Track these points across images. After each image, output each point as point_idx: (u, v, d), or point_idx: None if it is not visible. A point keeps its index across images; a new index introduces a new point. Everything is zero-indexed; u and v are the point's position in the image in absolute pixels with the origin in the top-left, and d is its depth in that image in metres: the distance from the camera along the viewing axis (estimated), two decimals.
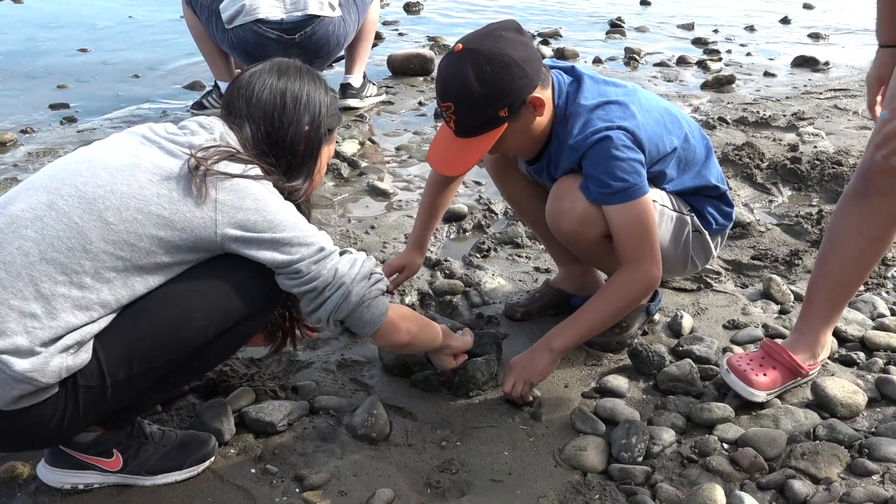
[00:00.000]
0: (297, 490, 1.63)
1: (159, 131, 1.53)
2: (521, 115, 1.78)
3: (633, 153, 1.77)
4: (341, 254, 1.57)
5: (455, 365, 1.93)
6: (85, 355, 1.39)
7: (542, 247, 2.70)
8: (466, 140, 1.78)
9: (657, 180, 1.93)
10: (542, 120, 1.83)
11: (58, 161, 1.53)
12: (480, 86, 1.70)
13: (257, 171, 1.50)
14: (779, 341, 1.96)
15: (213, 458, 1.69)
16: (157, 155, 1.46)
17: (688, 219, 2.00)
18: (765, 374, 1.88)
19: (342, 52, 3.99)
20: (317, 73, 1.68)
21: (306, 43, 3.61)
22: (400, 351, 1.91)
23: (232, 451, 1.74)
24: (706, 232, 2.05)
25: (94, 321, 1.39)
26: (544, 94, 1.79)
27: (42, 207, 1.40)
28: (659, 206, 1.92)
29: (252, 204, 1.45)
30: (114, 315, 1.42)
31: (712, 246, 2.09)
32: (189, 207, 1.41)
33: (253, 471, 1.68)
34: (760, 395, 1.87)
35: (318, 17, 3.58)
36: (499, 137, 1.77)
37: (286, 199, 1.54)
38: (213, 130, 1.53)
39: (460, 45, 1.74)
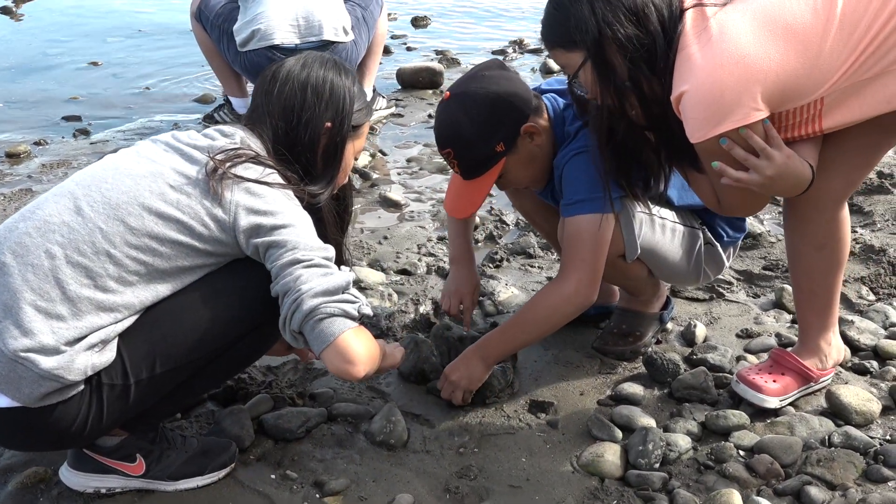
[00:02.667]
0: (318, 495, 1.65)
1: (182, 138, 1.55)
2: (519, 147, 1.81)
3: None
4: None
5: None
6: (110, 353, 1.41)
7: (556, 256, 2.72)
8: (473, 181, 1.83)
9: (660, 199, 1.95)
10: (543, 147, 1.85)
11: (86, 168, 1.56)
12: (472, 126, 1.75)
13: (276, 176, 1.51)
14: (789, 349, 1.98)
15: (233, 465, 1.71)
16: (178, 162, 1.49)
17: (699, 232, 2.03)
18: (775, 381, 1.89)
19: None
20: (345, 65, 1.63)
21: None
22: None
23: (251, 457, 1.76)
24: (717, 244, 2.07)
25: (118, 322, 1.42)
26: (538, 121, 1.82)
27: (69, 213, 1.43)
28: (669, 224, 1.95)
29: (265, 206, 1.46)
30: (138, 316, 1.44)
31: (724, 257, 2.12)
32: (207, 211, 1.44)
33: (273, 476, 1.70)
34: (772, 401, 1.88)
35: (333, 42, 3.54)
36: (501, 171, 1.80)
37: (306, 206, 1.54)
38: (234, 136, 1.55)
39: (448, 93, 1.80)
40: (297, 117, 1.57)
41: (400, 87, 4.75)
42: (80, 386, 1.40)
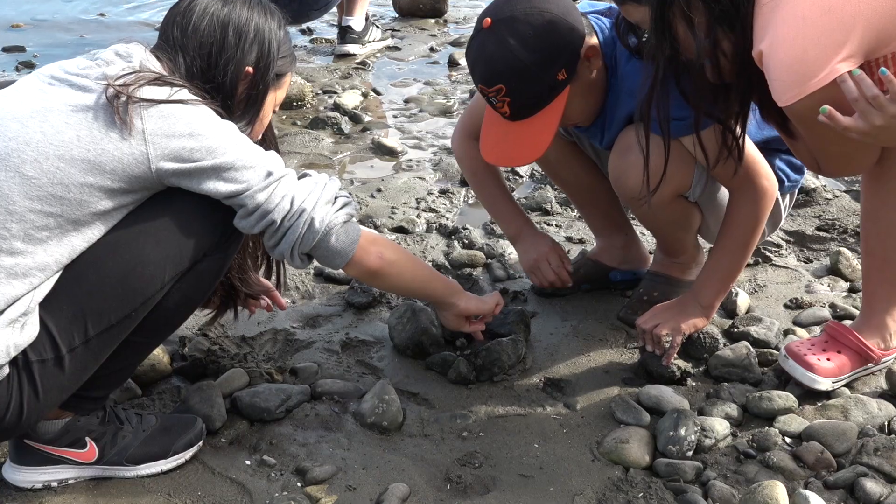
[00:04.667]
0: (299, 484, 1.65)
1: (69, 68, 1.51)
2: (580, 73, 1.79)
3: None
4: (301, 177, 1.57)
5: (468, 329, 1.93)
6: (32, 328, 1.40)
7: (576, 213, 2.71)
8: (528, 121, 1.77)
9: None
10: (601, 72, 1.83)
11: None
12: (528, 54, 1.70)
13: (186, 93, 1.49)
14: (847, 323, 1.97)
15: (201, 443, 1.71)
16: (69, 94, 1.45)
17: None
18: (829, 360, 1.89)
19: None
20: (271, 6, 1.65)
21: None
22: (379, 286, 1.89)
23: (223, 440, 1.76)
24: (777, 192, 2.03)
25: (35, 288, 1.40)
26: (592, 41, 1.80)
27: None
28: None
29: (185, 129, 1.44)
30: (56, 277, 1.43)
31: (782, 207, 2.09)
32: (115, 144, 1.41)
33: (248, 462, 1.71)
34: (825, 383, 1.88)
35: None
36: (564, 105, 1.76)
37: None
38: (132, 58, 1.51)
39: (489, 20, 1.74)
40: (215, 59, 1.55)
41: (397, 16, 4.70)
42: (4, 370, 1.38)
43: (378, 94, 3.72)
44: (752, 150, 1.86)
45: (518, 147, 1.81)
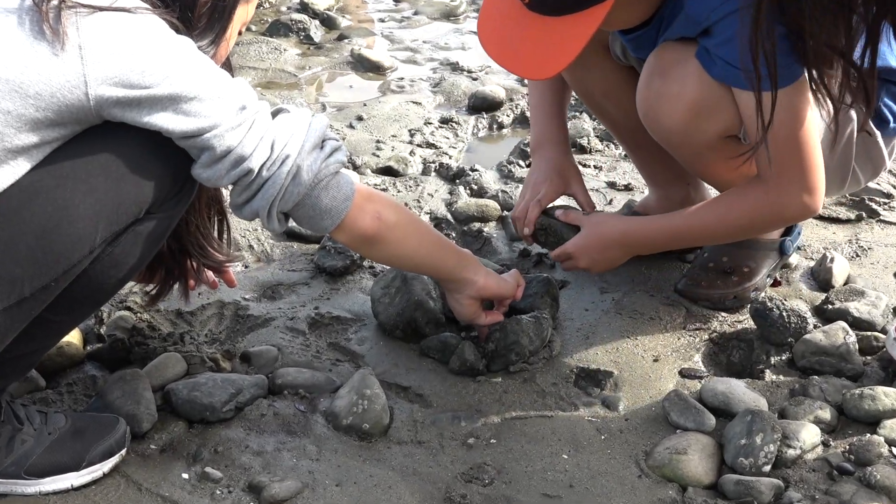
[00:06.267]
0: None
1: None
2: None
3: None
4: (275, 114, 1.59)
5: (486, 321, 1.95)
6: None
7: (620, 151, 2.71)
8: (557, 20, 1.72)
9: None
10: None
11: None
12: None
13: (136, 0, 1.48)
14: None
15: (124, 451, 1.72)
16: None
17: (852, 112, 1.98)
18: None
19: None
20: None
21: None
22: (374, 256, 1.94)
23: (153, 446, 1.77)
24: (878, 132, 2.04)
25: None
26: None
27: None
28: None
29: (132, 44, 1.44)
30: None
31: (885, 153, 2.09)
32: (43, 61, 1.40)
33: (185, 476, 1.71)
34: None
35: None
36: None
37: None
38: None
39: None
40: None
41: None
42: None
43: None
44: (816, 152, 1.86)
45: (535, 51, 1.76)
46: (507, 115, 2.90)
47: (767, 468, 1.72)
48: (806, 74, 1.75)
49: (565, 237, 2.09)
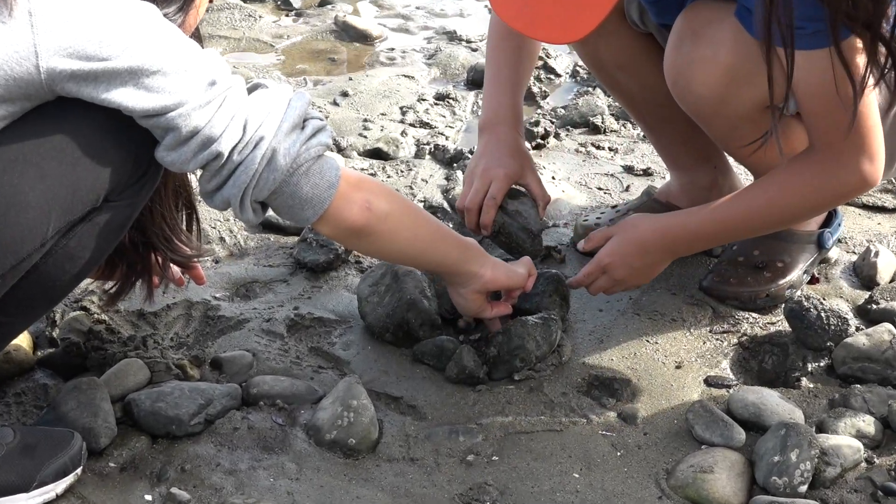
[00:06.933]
0: None
1: None
2: None
3: None
4: (251, 90, 1.58)
5: (491, 314, 1.95)
6: None
7: (638, 132, 2.70)
8: None
9: None
10: None
11: None
12: None
13: None
14: None
15: (79, 470, 1.70)
16: None
17: None
18: None
19: None
20: None
21: None
22: (364, 249, 1.95)
23: (112, 464, 1.76)
24: None
25: None
26: None
27: None
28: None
29: (89, 11, 1.43)
30: None
31: None
32: None
33: (148, 498, 1.70)
34: None
35: None
36: None
37: None
38: None
39: None
40: None
41: None
42: None
43: None
44: (874, 114, 1.85)
45: (558, 10, 1.72)
46: None
47: (804, 488, 1.72)
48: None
49: (522, 244, 2.08)
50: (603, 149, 2.66)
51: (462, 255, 1.87)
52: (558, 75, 2.98)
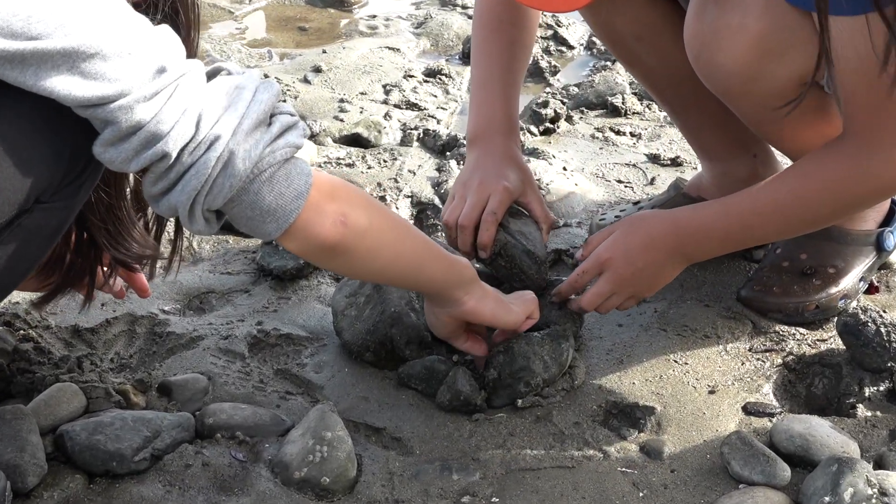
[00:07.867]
0: None
1: None
2: None
3: None
4: (212, 75, 1.58)
5: (463, 346, 1.96)
6: None
7: (665, 115, 2.71)
8: None
9: None
10: None
11: None
12: None
13: None
14: None
15: None
16: None
17: None
18: None
19: None
20: None
21: None
22: (339, 269, 1.95)
23: None
24: None
25: None
26: None
27: None
28: None
29: None
30: None
31: None
32: None
33: None
34: None
35: None
36: None
37: None
38: None
39: None
40: None
41: None
42: None
43: None
44: None
45: None
46: None
47: None
48: None
49: (526, 271, 2.07)
50: (623, 134, 2.68)
51: (447, 279, 1.86)
52: (571, 47, 2.98)
